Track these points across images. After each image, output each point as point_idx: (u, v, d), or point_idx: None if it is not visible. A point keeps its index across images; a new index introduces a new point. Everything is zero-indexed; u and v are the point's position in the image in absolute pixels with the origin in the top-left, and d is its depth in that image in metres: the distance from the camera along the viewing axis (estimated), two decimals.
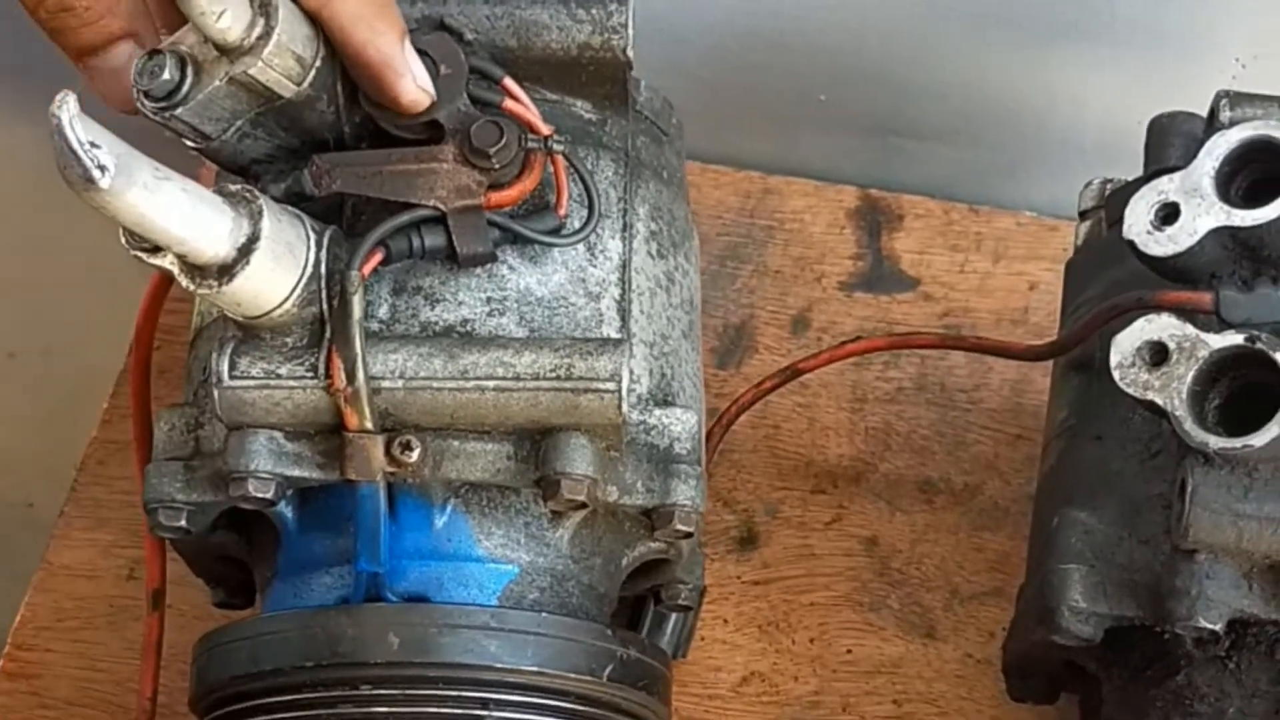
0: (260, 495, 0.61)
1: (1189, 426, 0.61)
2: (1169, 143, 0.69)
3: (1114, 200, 0.73)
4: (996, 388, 0.86)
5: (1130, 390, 0.62)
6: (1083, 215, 0.75)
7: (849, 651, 0.79)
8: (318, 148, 0.63)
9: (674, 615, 0.74)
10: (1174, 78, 0.87)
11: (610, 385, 0.60)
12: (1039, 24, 0.86)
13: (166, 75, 0.60)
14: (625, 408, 0.61)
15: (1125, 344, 0.62)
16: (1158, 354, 0.62)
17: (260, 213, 0.57)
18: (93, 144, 0.51)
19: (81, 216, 0.58)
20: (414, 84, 0.62)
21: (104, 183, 0.51)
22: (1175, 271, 0.64)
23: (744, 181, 0.93)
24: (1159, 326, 0.62)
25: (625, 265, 0.65)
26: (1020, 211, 0.91)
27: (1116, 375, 0.62)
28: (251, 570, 0.69)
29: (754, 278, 0.90)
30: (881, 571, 0.81)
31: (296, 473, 0.61)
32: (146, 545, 0.70)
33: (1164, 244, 0.63)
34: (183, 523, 0.64)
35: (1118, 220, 0.71)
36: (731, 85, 0.93)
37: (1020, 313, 0.89)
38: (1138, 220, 0.64)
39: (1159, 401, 0.61)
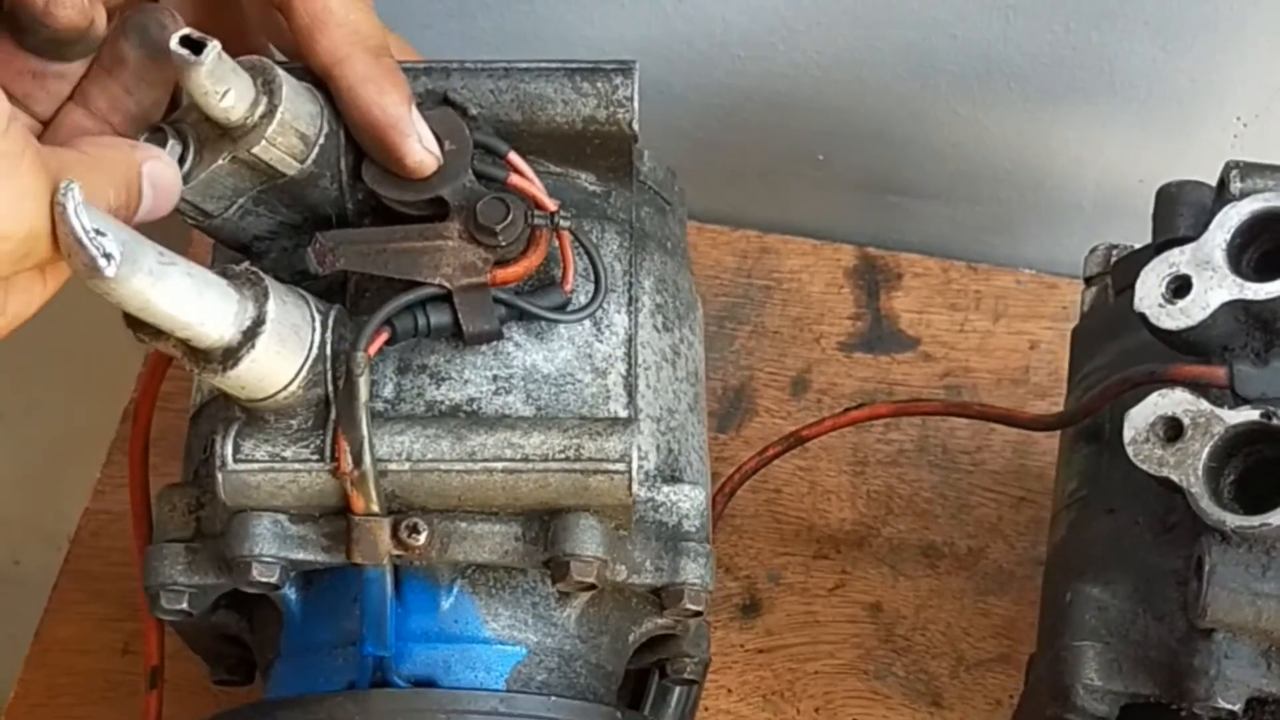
0: (264, 580, 0.60)
1: (1206, 504, 0.60)
2: (1178, 212, 0.69)
3: (1120, 268, 0.72)
4: (998, 450, 0.86)
5: (1145, 466, 0.61)
6: (1088, 281, 0.75)
7: None
8: (320, 224, 0.62)
9: (678, 688, 0.73)
10: (1174, 137, 0.87)
11: (620, 466, 0.59)
12: (1039, 83, 0.86)
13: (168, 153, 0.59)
14: (635, 488, 0.60)
15: (1139, 419, 0.62)
16: (1172, 429, 0.61)
17: (265, 295, 0.56)
18: (98, 231, 0.50)
19: None
20: (420, 145, 0.61)
21: (109, 271, 0.50)
22: (1188, 344, 0.63)
23: (740, 241, 0.92)
24: (1173, 402, 0.62)
25: (631, 340, 0.64)
26: (1019, 269, 0.91)
27: (1131, 451, 0.62)
28: (251, 649, 0.68)
29: (752, 338, 0.89)
30: (886, 638, 0.81)
31: (301, 556, 0.60)
32: (144, 623, 0.69)
33: (1176, 317, 0.63)
34: (184, 605, 0.62)
35: (1125, 288, 0.71)
36: (728, 145, 0.92)
37: (1021, 372, 0.88)
38: (1149, 293, 0.63)
39: (1174, 478, 0.61)
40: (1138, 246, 0.72)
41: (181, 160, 0.59)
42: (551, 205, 0.62)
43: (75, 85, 0.60)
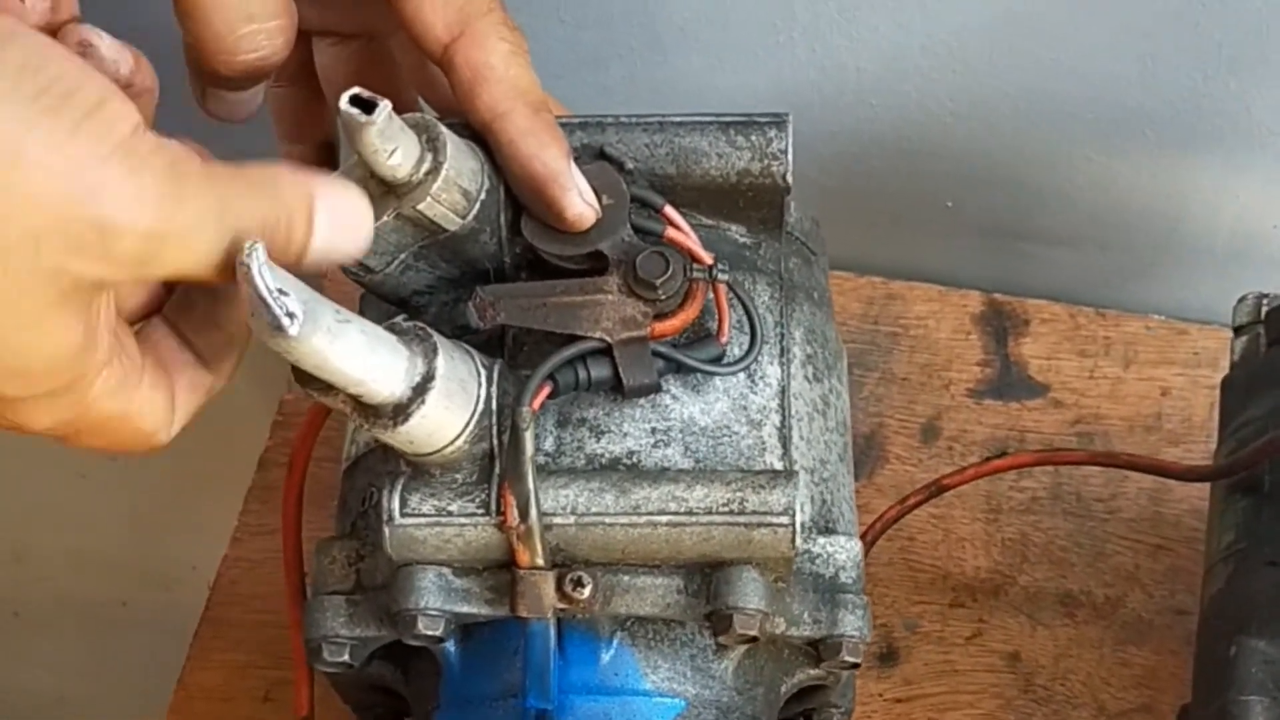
0: (430, 633, 0.60)
1: None
2: None
3: (1274, 318, 0.72)
4: (1134, 497, 0.85)
5: None
6: (1237, 330, 0.74)
7: None
8: (477, 278, 0.63)
9: None
10: None
11: (784, 519, 0.59)
12: (1175, 129, 0.85)
13: None
14: (798, 541, 0.60)
15: None
16: None
17: (434, 351, 0.57)
18: (281, 291, 0.51)
19: None
20: (579, 199, 0.61)
21: (293, 330, 0.51)
22: None
23: (866, 287, 0.92)
24: None
25: (784, 391, 0.64)
26: (1148, 315, 0.90)
27: None
28: (402, 699, 0.68)
29: (881, 385, 0.89)
30: (1026, 688, 0.80)
31: (465, 609, 0.61)
32: (296, 672, 0.69)
33: None
34: (345, 657, 0.63)
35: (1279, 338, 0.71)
36: (855, 191, 0.92)
37: (1153, 419, 0.88)
38: None
39: None
40: None
41: None
42: (708, 258, 0.62)
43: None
